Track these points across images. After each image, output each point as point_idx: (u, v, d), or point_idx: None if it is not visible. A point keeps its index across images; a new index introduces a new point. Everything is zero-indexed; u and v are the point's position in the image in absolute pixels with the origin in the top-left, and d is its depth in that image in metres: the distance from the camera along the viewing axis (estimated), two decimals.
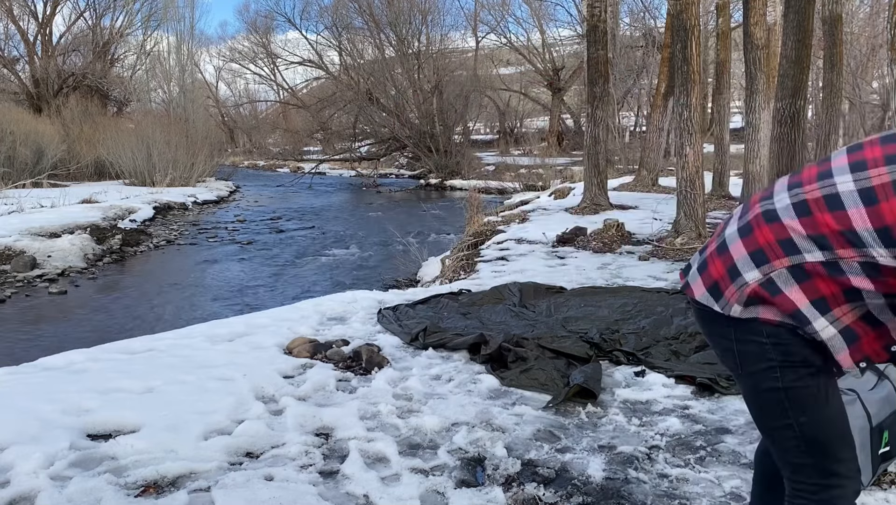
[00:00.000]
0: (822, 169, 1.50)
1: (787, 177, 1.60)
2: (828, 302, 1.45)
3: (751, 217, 1.55)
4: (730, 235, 1.57)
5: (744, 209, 1.63)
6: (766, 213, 1.52)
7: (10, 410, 3.05)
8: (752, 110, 8.10)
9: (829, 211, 1.42)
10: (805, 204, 1.46)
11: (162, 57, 30.29)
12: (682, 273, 1.74)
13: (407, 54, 27.37)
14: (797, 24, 8.66)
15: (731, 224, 1.61)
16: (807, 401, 1.51)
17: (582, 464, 2.72)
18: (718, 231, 1.67)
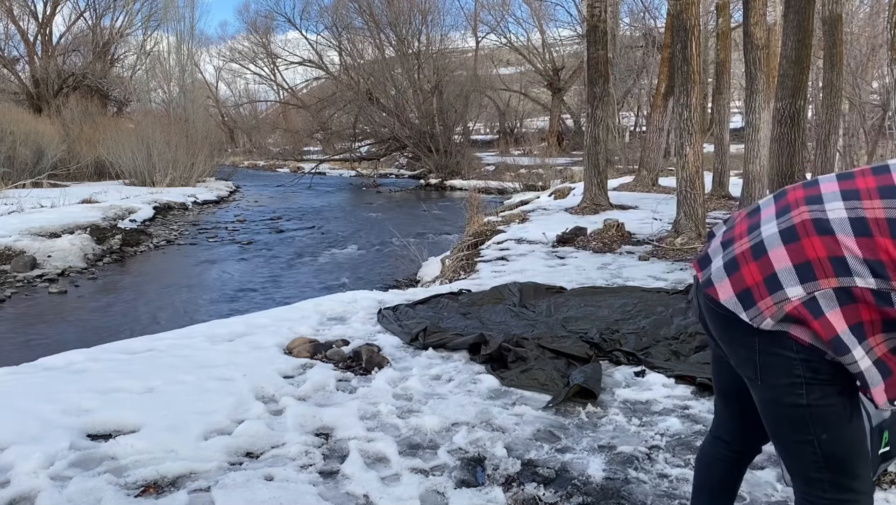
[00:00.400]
0: (882, 183, 1.37)
1: (835, 179, 1.47)
2: (864, 329, 1.37)
3: (796, 220, 1.41)
4: (769, 238, 1.43)
5: (781, 203, 1.50)
6: (816, 222, 1.38)
7: (10, 410, 3.04)
8: (752, 110, 8.10)
9: (891, 237, 1.31)
10: (864, 222, 1.34)
11: (162, 57, 30.33)
12: (697, 264, 1.61)
13: (407, 54, 27.37)
14: (797, 24, 8.66)
15: (768, 222, 1.46)
16: (830, 419, 1.44)
17: (582, 464, 2.72)
18: (745, 222, 1.54)
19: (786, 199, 1.50)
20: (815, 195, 1.45)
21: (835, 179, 1.48)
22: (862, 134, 10.69)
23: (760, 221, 1.50)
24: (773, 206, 1.52)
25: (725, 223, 1.66)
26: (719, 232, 1.64)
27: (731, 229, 1.58)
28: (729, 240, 1.55)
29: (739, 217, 1.60)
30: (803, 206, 1.44)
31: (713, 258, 1.56)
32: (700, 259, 1.61)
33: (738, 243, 1.51)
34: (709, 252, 1.59)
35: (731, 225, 1.61)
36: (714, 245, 1.59)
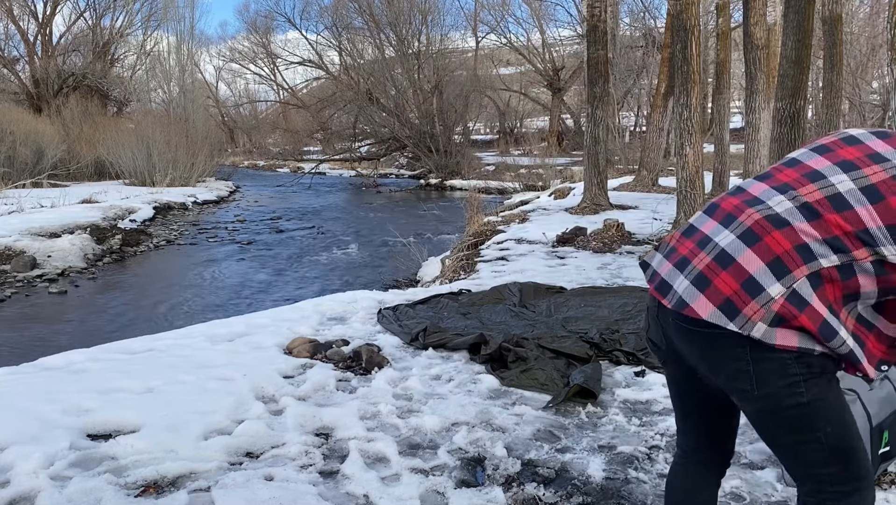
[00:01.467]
0: (804, 171, 1.48)
1: (756, 181, 1.54)
2: (835, 308, 1.40)
3: (749, 222, 1.45)
4: (731, 245, 1.44)
5: (719, 215, 1.52)
6: (770, 218, 1.43)
7: (10, 410, 3.05)
8: (752, 110, 8.10)
9: (837, 212, 1.39)
10: (809, 206, 1.41)
11: (162, 57, 30.31)
12: (656, 291, 1.57)
13: (407, 54, 27.38)
14: (797, 24, 8.65)
15: (718, 233, 1.48)
16: (831, 410, 1.46)
17: (582, 464, 2.72)
18: (688, 241, 1.54)
19: (722, 210, 1.53)
20: (751, 198, 1.49)
21: (757, 181, 1.54)
22: None
23: (708, 234, 1.50)
24: (710, 220, 1.53)
25: (658, 250, 1.64)
26: (658, 258, 1.61)
27: (674, 251, 1.57)
28: (682, 259, 1.52)
29: (675, 239, 1.59)
30: (748, 208, 1.47)
31: (673, 281, 1.52)
32: (658, 286, 1.56)
33: (697, 259, 1.49)
34: (664, 277, 1.55)
35: (671, 248, 1.59)
36: (666, 269, 1.56)
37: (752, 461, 2.73)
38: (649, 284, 1.62)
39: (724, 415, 1.70)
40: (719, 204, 1.56)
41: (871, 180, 1.40)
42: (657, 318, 1.61)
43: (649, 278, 1.62)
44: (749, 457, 2.76)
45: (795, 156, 1.56)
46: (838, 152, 1.47)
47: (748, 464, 2.71)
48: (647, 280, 1.63)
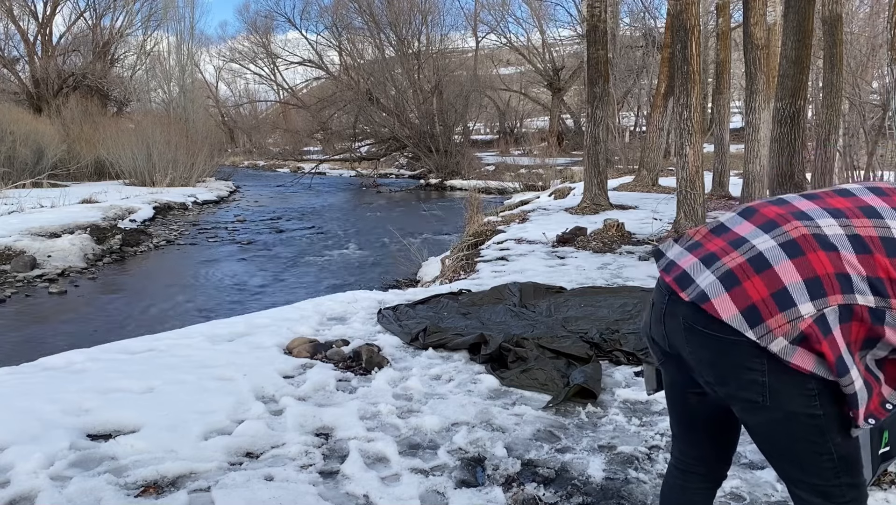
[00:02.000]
0: (860, 204, 1.42)
1: (804, 198, 1.48)
2: (851, 348, 1.36)
3: (795, 234, 1.38)
4: (770, 251, 1.37)
5: (758, 219, 1.46)
6: (818, 238, 1.36)
7: (10, 410, 3.04)
8: (752, 110, 8.10)
9: (889, 256, 1.33)
10: (861, 240, 1.35)
11: (162, 57, 30.29)
12: (674, 281, 1.48)
13: (407, 54, 27.38)
14: (797, 24, 8.65)
15: (757, 236, 1.42)
16: (841, 420, 1.43)
17: (582, 464, 2.72)
18: (719, 239, 1.48)
19: (763, 215, 1.47)
20: (798, 211, 1.43)
21: (803, 198, 1.47)
22: (862, 134, 10.67)
23: (745, 236, 1.44)
24: (747, 223, 1.47)
25: (678, 242, 1.57)
26: (678, 250, 1.54)
27: (699, 246, 1.50)
28: (710, 255, 1.46)
29: (701, 234, 1.53)
30: (795, 220, 1.41)
31: (696, 275, 1.44)
32: (677, 278, 1.48)
33: (728, 257, 1.42)
34: (686, 269, 1.47)
35: (695, 242, 1.52)
36: (689, 262, 1.48)
37: (752, 461, 2.73)
38: (664, 275, 1.52)
39: (727, 428, 1.65)
40: (758, 209, 1.49)
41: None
42: (664, 313, 1.52)
43: (664, 268, 1.53)
44: (749, 457, 2.76)
45: (848, 188, 1.49)
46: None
47: (748, 464, 2.71)
48: (661, 269, 1.54)
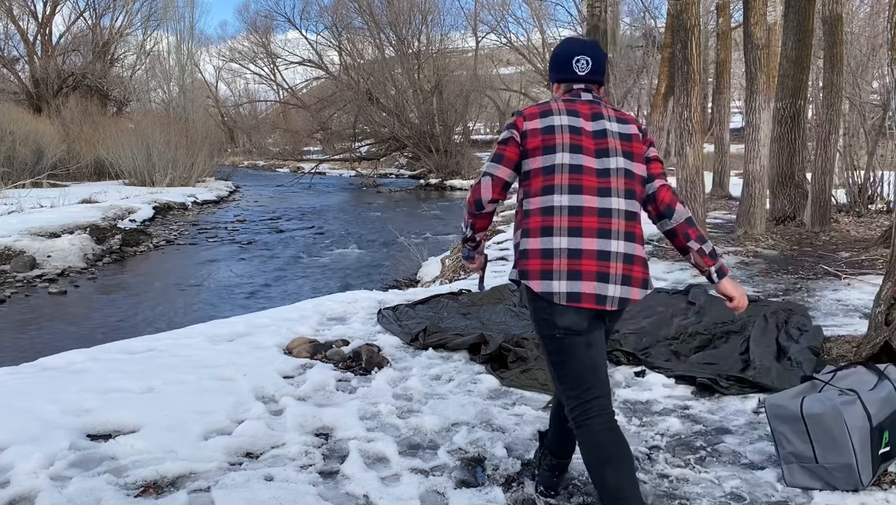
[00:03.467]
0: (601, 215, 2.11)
1: (579, 191, 2.04)
2: None
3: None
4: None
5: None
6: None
7: (10, 410, 3.04)
8: (752, 110, 8.08)
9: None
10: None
11: (162, 57, 30.28)
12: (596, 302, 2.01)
13: (407, 54, 27.38)
14: (797, 24, 8.65)
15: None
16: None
17: (582, 464, 2.71)
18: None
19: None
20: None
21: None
22: (862, 134, 10.67)
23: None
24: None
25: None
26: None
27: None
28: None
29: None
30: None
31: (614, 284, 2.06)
32: (599, 299, 2.04)
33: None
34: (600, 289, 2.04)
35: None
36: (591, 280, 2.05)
37: (752, 461, 2.73)
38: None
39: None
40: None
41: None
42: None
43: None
44: (749, 457, 2.76)
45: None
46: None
47: (748, 464, 2.70)
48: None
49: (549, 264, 1.99)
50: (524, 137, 2.08)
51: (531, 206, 2.05)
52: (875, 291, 3.76)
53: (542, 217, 2.02)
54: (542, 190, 2.03)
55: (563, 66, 2.18)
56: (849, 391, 2.45)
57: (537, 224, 2.03)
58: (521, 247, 2.06)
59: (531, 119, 2.09)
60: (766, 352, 3.81)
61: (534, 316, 2.07)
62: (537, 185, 2.04)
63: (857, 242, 7.73)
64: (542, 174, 2.04)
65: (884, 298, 3.55)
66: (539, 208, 2.03)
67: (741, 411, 3.22)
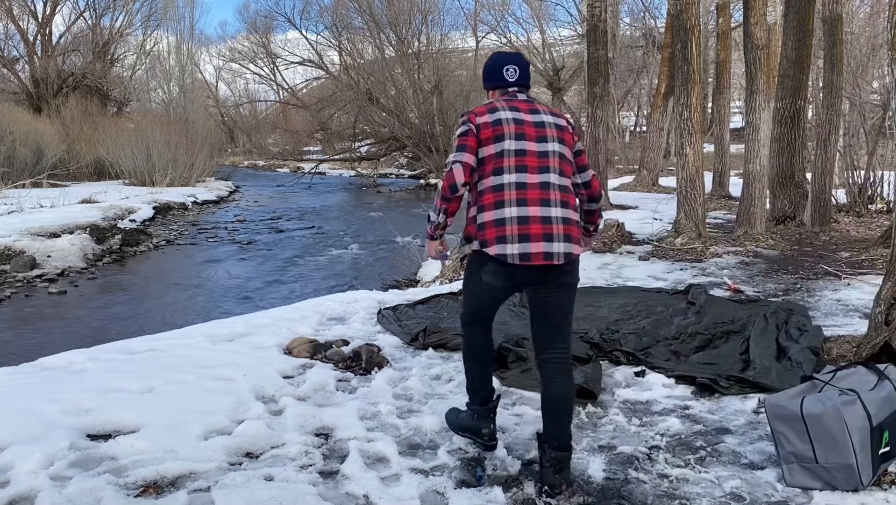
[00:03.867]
0: (545, 187, 2.55)
1: (524, 170, 2.49)
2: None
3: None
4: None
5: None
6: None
7: (10, 410, 3.04)
8: (752, 110, 8.09)
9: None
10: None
11: (162, 57, 30.27)
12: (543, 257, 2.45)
13: (407, 54, 27.36)
14: (797, 24, 8.65)
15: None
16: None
17: (582, 464, 2.72)
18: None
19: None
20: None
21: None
22: (862, 134, 10.67)
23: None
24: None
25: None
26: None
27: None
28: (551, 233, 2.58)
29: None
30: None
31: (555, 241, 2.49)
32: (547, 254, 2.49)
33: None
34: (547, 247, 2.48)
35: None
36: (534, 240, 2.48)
37: (752, 461, 2.73)
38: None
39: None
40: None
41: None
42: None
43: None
44: (749, 457, 2.76)
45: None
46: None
47: (748, 464, 2.71)
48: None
49: (502, 231, 2.43)
50: (478, 129, 2.50)
51: (485, 185, 2.49)
52: (875, 290, 3.76)
53: (494, 193, 2.47)
54: (494, 171, 2.48)
55: (496, 75, 2.66)
56: (849, 391, 2.45)
57: (490, 200, 2.47)
58: (478, 221, 2.50)
59: (481, 115, 2.52)
60: (766, 352, 3.81)
61: (475, 270, 2.59)
62: (490, 168, 2.48)
63: (857, 242, 7.73)
64: (494, 158, 2.48)
65: (884, 298, 3.55)
66: (492, 186, 2.48)
67: (741, 411, 3.22)
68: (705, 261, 6.94)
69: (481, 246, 2.47)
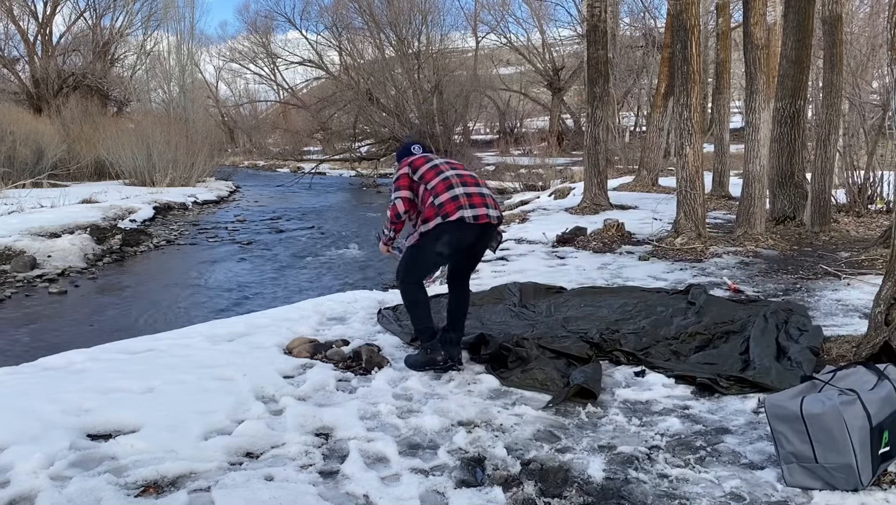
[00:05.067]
0: (472, 177, 3.80)
1: (456, 171, 3.78)
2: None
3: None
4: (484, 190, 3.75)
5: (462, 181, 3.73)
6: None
7: (10, 410, 3.05)
8: (752, 110, 8.08)
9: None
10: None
11: (162, 57, 30.25)
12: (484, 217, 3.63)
13: (407, 54, 27.37)
14: (797, 24, 8.65)
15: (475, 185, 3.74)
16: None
17: (582, 464, 2.72)
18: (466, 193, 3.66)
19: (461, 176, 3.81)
20: (469, 178, 3.82)
21: (456, 169, 3.88)
22: (862, 134, 10.66)
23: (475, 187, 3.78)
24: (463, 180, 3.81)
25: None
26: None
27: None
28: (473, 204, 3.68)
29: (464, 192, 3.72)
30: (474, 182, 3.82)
31: (481, 209, 3.65)
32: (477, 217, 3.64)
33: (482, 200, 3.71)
34: (478, 212, 3.64)
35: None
36: (464, 207, 3.62)
37: (752, 461, 2.73)
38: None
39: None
40: (459, 175, 3.78)
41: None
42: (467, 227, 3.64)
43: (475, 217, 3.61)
44: (749, 457, 2.76)
45: (454, 171, 3.80)
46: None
47: (748, 464, 2.71)
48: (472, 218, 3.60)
49: (458, 202, 3.57)
50: (415, 172, 3.75)
51: (440, 198, 3.60)
52: (875, 291, 3.76)
53: (444, 182, 3.65)
54: (445, 188, 3.62)
55: (407, 152, 4.00)
56: (849, 391, 2.46)
57: (442, 187, 3.62)
58: (436, 203, 3.58)
59: (418, 164, 3.79)
60: (766, 352, 3.81)
61: (429, 242, 3.64)
62: (441, 188, 3.63)
63: (856, 242, 7.73)
64: (442, 182, 3.65)
65: (883, 298, 3.55)
66: (441, 180, 3.66)
67: (741, 411, 3.22)
68: (705, 261, 6.94)
69: (443, 218, 3.53)
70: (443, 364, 3.73)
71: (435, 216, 3.55)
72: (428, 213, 3.59)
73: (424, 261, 3.77)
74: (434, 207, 3.57)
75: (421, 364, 3.77)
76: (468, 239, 3.64)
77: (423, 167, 3.74)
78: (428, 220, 3.59)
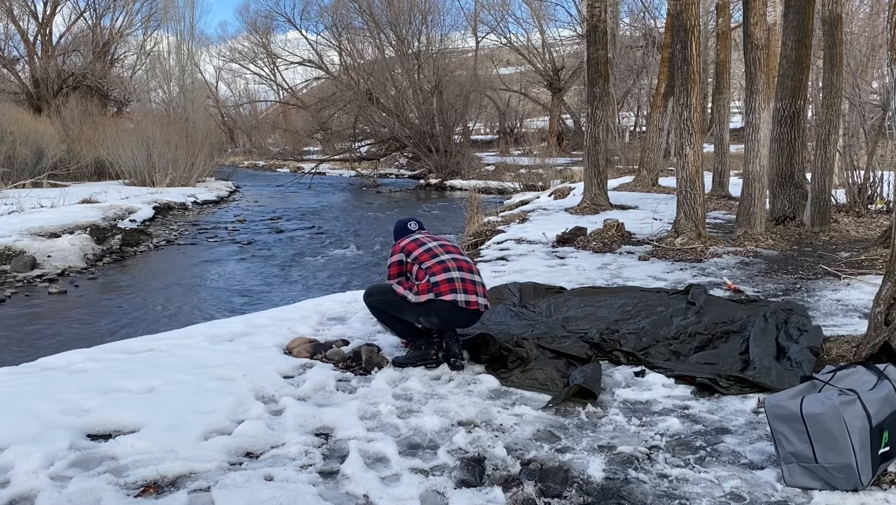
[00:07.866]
0: (467, 262, 3.92)
1: (452, 255, 3.90)
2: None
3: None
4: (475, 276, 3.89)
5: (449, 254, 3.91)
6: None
7: (10, 410, 3.05)
8: (752, 110, 8.08)
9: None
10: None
11: (162, 57, 30.26)
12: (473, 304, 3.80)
13: (407, 54, 27.36)
14: (797, 24, 8.65)
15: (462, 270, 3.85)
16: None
17: (582, 464, 2.72)
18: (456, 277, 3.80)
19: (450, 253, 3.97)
20: (458, 255, 4.00)
21: (446, 245, 4.04)
22: (862, 134, 10.67)
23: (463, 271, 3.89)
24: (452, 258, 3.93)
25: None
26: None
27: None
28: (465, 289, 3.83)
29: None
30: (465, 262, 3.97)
31: (470, 296, 3.81)
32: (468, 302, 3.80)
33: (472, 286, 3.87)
34: (467, 297, 3.79)
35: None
36: (457, 292, 3.76)
37: (751, 461, 2.73)
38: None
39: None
40: (446, 250, 3.96)
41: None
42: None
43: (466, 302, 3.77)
44: (749, 457, 2.76)
45: (449, 253, 3.93)
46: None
47: (748, 464, 2.71)
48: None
49: (453, 285, 3.72)
50: (409, 255, 3.90)
51: (436, 277, 3.74)
52: (875, 291, 3.77)
53: (440, 265, 3.79)
54: (442, 270, 3.77)
55: (404, 230, 4.18)
56: (848, 391, 2.46)
57: (438, 268, 3.77)
58: (431, 281, 3.73)
59: (412, 246, 3.93)
60: (765, 352, 3.81)
61: (423, 309, 3.76)
62: (438, 269, 3.77)
63: (856, 242, 7.73)
64: (438, 264, 3.79)
65: (883, 298, 3.55)
66: (437, 261, 3.80)
67: (741, 411, 3.22)
68: (705, 261, 6.94)
69: (436, 295, 3.69)
70: (437, 359, 3.84)
71: (428, 291, 3.70)
72: (422, 288, 3.74)
73: (401, 309, 3.87)
74: (429, 284, 3.71)
75: (414, 361, 3.84)
76: (455, 321, 3.80)
77: (416, 251, 3.88)
78: (420, 294, 3.74)
